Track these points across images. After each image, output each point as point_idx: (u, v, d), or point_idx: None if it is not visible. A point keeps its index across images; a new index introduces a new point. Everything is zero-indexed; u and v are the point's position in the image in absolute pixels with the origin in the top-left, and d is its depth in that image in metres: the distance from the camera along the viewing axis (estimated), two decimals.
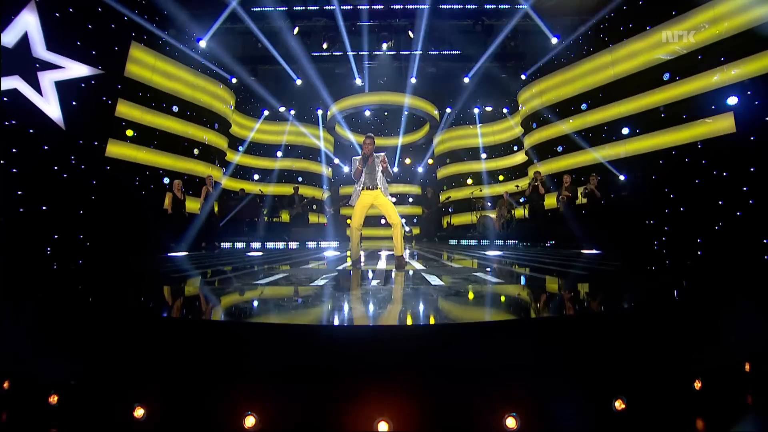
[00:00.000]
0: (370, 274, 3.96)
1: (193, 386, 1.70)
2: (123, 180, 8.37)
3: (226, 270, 4.57)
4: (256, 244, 11.12)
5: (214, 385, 1.69)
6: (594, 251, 7.40)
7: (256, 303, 2.46)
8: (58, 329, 2.02)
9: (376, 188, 4.44)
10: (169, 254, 7.09)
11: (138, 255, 6.62)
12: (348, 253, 7.65)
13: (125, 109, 8.70)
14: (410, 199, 19.35)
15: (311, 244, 12.17)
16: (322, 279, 3.47)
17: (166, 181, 9.63)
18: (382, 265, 5.10)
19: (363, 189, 4.44)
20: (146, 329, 1.93)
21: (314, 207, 14.37)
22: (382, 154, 4.51)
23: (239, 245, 11.08)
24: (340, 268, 4.65)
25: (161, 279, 3.72)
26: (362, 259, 4.77)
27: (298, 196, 12.83)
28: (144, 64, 9.13)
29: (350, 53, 12.82)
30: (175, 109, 10.22)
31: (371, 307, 2.23)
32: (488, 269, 4.39)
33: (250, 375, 1.71)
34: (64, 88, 6.61)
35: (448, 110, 16.71)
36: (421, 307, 2.25)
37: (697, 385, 1.93)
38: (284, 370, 1.70)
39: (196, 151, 10.97)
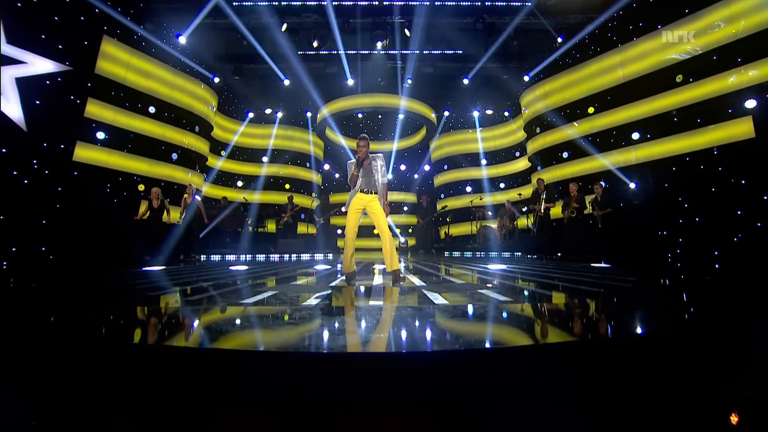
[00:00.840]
0: (367, 292, 3.86)
1: (172, 425, 1.59)
2: (93, 187, 8.19)
3: (206, 287, 4.44)
4: (232, 257, 10.95)
5: (196, 423, 1.59)
6: (603, 264, 7.37)
7: (242, 328, 2.35)
8: (15, 359, 1.90)
9: (373, 193, 4.40)
10: (143, 269, 6.91)
11: (109, 270, 6.44)
12: (339, 267, 7.54)
13: (96, 110, 8.56)
14: (405, 208, 19.28)
15: (295, 257, 12.02)
16: (314, 298, 3.37)
17: (141, 188, 9.48)
18: (378, 280, 5.00)
19: (358, 192, 4.40)
20: (117, 359, 1.81)
21: (303, 216, 14.31)
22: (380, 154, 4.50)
23: (230, 257, 10.91)
24: (333, 284, 4.54)
25: (134, 298, 3.58)
26: (356, 274, 4.70)
27: (291, 204, 12.74)
28: (117, 61, 9.02)
29: (342, 52, 12.83)
30: (152, 109, 10.11)
31: (371, 332, 2.13)
32: (494, 286, 4.32)
33: (237, 413, 1.60)
34: (26, 85, 6.47)
35: (446, 113, 16.79)
36: (427, 330, 2.15)
37: (734, 419, 1.86)
38: (275, 405, 1.60)
39: (174, 156, 10.84)
